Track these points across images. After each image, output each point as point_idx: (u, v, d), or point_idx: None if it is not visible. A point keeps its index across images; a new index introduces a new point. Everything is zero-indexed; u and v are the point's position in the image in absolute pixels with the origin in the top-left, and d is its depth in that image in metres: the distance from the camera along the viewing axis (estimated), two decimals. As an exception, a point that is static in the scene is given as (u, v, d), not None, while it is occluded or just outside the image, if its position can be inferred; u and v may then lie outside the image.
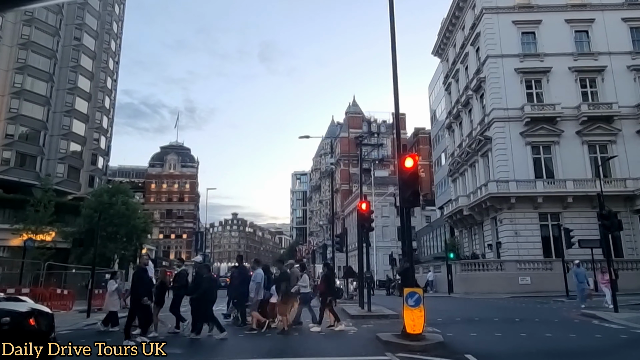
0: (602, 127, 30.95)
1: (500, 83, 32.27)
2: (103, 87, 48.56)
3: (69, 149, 42.88)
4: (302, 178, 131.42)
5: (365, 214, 17.05)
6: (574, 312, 15.19)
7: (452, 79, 41.87)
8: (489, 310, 16.71)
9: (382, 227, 57.16)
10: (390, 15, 11.30)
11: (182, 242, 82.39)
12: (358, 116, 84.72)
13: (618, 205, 26.86)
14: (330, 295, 12.73)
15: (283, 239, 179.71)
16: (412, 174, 10.10)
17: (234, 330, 11.64)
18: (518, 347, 9.16)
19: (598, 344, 9.50)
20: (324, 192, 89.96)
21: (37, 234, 26.58)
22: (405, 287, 9.76)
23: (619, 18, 32.74)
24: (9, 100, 38.78)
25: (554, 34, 32.67)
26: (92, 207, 28.96)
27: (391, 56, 11.12)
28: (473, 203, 34.00)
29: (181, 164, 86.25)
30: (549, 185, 30.42)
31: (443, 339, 9.36)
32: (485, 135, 33.11)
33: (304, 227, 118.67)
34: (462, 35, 38.92)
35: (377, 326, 12.17)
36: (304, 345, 9.63)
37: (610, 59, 31.97)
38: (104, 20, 49.19)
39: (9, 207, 32.54)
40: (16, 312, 4.38)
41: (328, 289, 12.83)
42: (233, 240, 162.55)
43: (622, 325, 11.65)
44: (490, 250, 32.44)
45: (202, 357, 8.66)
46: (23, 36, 40.12)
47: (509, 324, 12.45)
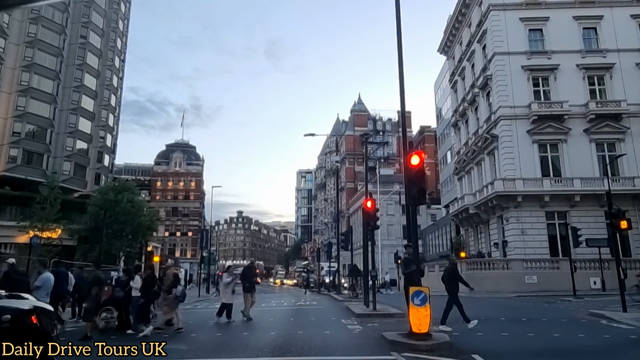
0: (610, 125, 30.64)
1: (507, 81, 32.02)
2: (109, 85, 48.73)
3: (75, 147, 43.09)
4: (307, 176, 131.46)
5: (370, 212, 16.97)
6: (581, 311, 15.02)
7: (458, 76, 41.62)
8: (495, 310, 16.59)
9: (388, 226, 57.11)
10: (396, 13, 11.20)
11: (187, 239, 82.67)
12: (363, 114, 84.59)
13: (626, 204, 26.55)
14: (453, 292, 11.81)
15: (288, 237, 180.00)
16: (418, 172, 10.01)
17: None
18: (525, 346, 9.04)
19: (607, 344, 9.37)
20: (329, 190, 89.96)
21: (43, 231, 26.70)
22: (411, 285, 9.67)
23: (628, 15, 32.38)
24: (15, 98, 39.01)
25: (561, 31, 32.36)
26: (98, 204, 29.08)
27: (397, 54, 11.01)
28: (479, 201, 33.81)
29: (187, 162, 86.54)
30: (556, 184, 30.16)
31: (449, 339, 9.25)
32: (491, 133, 32.89)
33: (309, 225, 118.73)
34: (468, 33, 38.65)
35: (382, 325, 12.09)
36: (309, 343, 9.56)
37: (618, 56, 31.63)
38: (110, 18, 49.35)
39: (16, 204, 32.73)
40: (18, 310, 4.33)
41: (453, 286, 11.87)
42: (238, 238, 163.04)
43: (631, 325, 11.49)
44: (497, 249, 32.25)
45: (205, 353, 8.63)
46: (30, 34, 40.32)
47: (515, 324, 12.33)
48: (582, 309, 15.86)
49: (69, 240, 29.57)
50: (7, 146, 38.10)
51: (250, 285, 14.98)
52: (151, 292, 11.72)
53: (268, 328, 12.28)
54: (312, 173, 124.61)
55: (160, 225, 56.63)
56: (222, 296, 14.97)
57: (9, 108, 38.64)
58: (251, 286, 15.00)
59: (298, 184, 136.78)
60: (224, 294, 14.72)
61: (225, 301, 14.29)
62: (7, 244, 31.26)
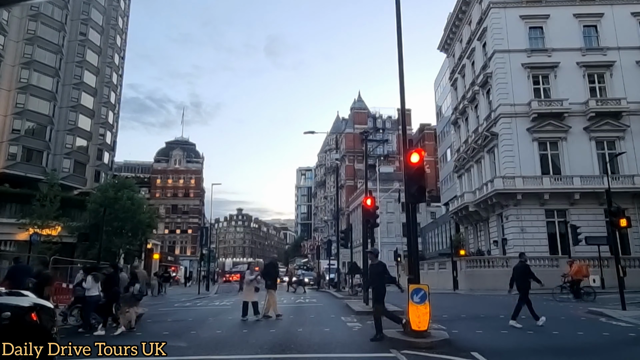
0: (610, 123, 30.62)
1: (507, 78, 31.98)
2: (109, 83, 48.68)
3: (75, 144, 43.06)
4: (307, 174, 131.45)
5: (370, 210, 16.98)
6: (580, 309, 15.05)
7: (458, 74, 41.57)
8: (494, 307, 16.63)
9: (387, 223, 57.13)
10: (396, 11, 11.19)
11: (187, 237, 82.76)
12: (363, 112, 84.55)
13: (626, 202, 26.54)
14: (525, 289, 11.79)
15: (288, 234, 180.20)
16: (418, 169, 10.02)
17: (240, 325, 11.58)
18: (525, 344, 9.07)
19: (605, 342, 9.38)
20: (329, 188, 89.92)
21: (43, 228, 26.69)
22: (411, 283, 9.68)
23: (629, 12, 32.31)
24: (15, 96, 38.95)
25: (562, 29, 32.31)
26: (98, 202, 29.04)
27: (397, 51, 11.01)
28: (479, 199, 33.82)
29: (186, 159, 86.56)
30: (555, 182, 30.17)
31: (449, 336, 9.28)
32: (491, 131, 32.88)
33: (309, 222, 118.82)
34: (468, 30, 38.59)
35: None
36: (308, 341, 9.58)
37: (619, 54, 31.59)
38: (109, 15, 49.25)
39: (16, 201, 32.70)
40: (18, 307, 4.33)
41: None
42: (238, 235, 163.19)
43: (630, 323, 11.51)
44: (496, 247, 32.28)
45: (205, 350, 8.64)
46: (29, 31, 40.21)
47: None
48: (581, 306, 15.89)
49: (68, 238, 29.56)
50: (6, 143, 38.07)
51: (273, 283, 14.62)
52: (112, 292, 11.77)
53: (268, 325, 12.31)
54: (312, 170, 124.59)
55: (160, 223, 56.57)
56: (245, 294, 14.47)
57: (9, 105, 38.59)
58: (273, 283, 14.64)
59: (298, 182, 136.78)
60: (247, 292, 14.27)
61: (248, 299, 13.91)
62: (7, 241, 31.28)
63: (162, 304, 23.51)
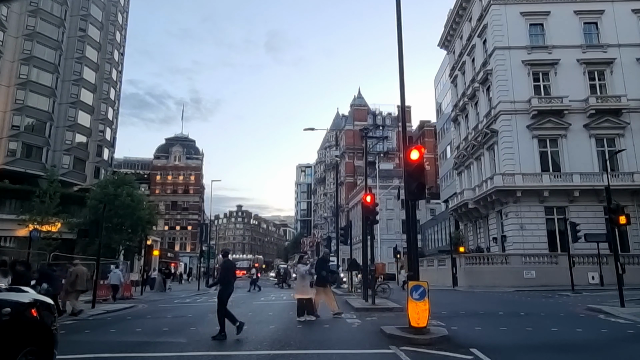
0: (610, 120, 30.62)
1: (507, 75, 31.95)
2: (108, 79, 48.62)
3: (75, 140, 43.07)
4: (306, 170, 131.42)
5: (369, 207, 16.98)
6: (579, 306, 15.09)
7: (459, 71, 41.51)
8: (493, 304, 16.65)
9: (387, 220, 57.23)
10: (397, 7, 11.15)
11: (187, 233, 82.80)
12: (363, 108, 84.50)
13: (625, 199, 26.54)
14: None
15: (287, 231, 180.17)
16: (417, 166, 10.01)
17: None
18: (524, 341, 9.08)
19: (604, 338, 9.40)
20: (329, 185, 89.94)
21: (42, 224, 26.67)
22: (411, 280, 9.70)
23: (629, 9, 32.29)
24: (14, 92, 38.93)
25: (562, 26, 32.26)
26: (98, 198, 29.04)
27: (397, 48, 10.97)
28: (478, 196, 33.84)
29: (186, 155, 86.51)
30: (555, 179, 30.20)
31: (448, 333, 9.29)
32: (491, 128, 32.86)
33: (309, 219, 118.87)
34: (469, 27, 38.52)
35: (381, 319, 12.12)
36: (308, 337, 9.59)
37: (619, 51, 31.55)
38: (109, 11, 49.15)
39: (15, 197, 32.73)
40: (17, 303, 4.33)
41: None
42: (238, 232, 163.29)
43: (628, 320, 11.54)
44: (495, 244, 32.32)
45: (205, 346, 8.65)
46: (28, 27, 40.16)
47: (514, 318, 12.38)
48: (580, 303, 15.93)
49: (68, 234, 29.52)
50: (6, 139, 38.07)
51: (323, 279, 13.47)
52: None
53: (267, 322, 12.32)
54: (311, 167, 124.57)
55: (159, 219, 56.57)
56: (297, 290, 13.28)
57: (8, 101, 38.56)
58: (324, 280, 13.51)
59: (297, 178, 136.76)
60: (300, 288, 13.02)
61: (302, 295, 12.64)
62: (6, 237, 31.32)
63: (162, 300, 23.57)
